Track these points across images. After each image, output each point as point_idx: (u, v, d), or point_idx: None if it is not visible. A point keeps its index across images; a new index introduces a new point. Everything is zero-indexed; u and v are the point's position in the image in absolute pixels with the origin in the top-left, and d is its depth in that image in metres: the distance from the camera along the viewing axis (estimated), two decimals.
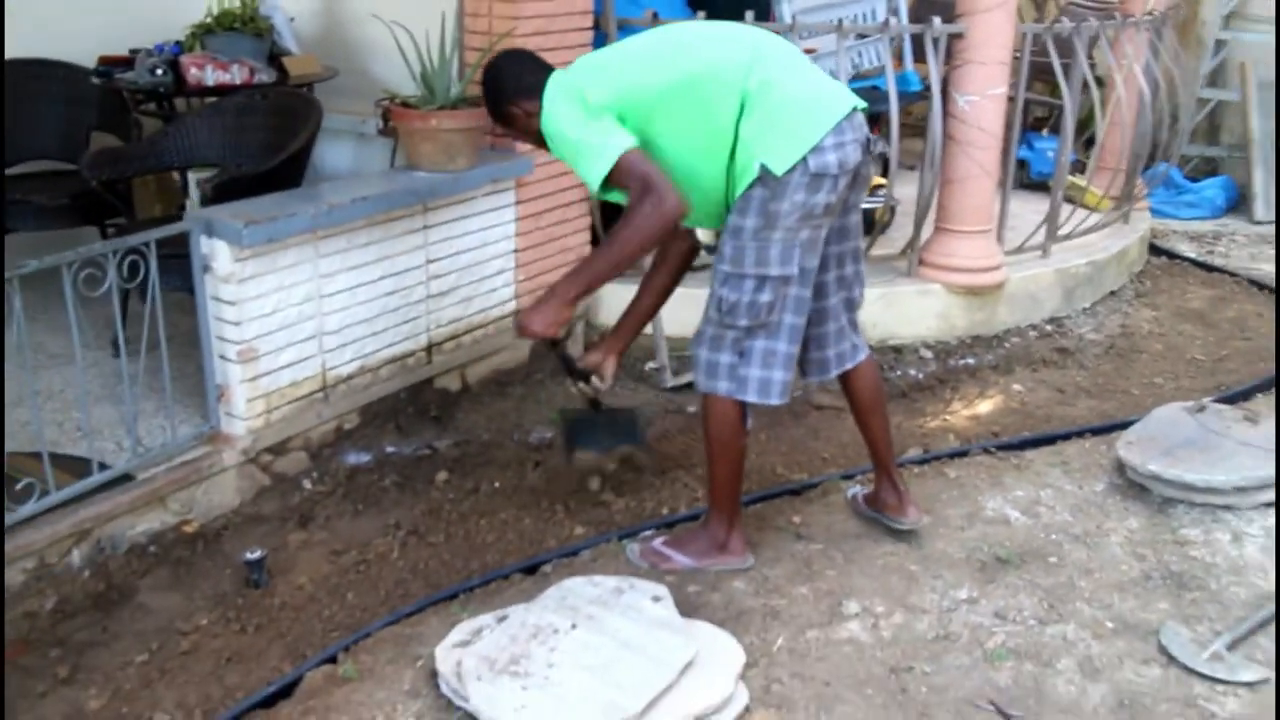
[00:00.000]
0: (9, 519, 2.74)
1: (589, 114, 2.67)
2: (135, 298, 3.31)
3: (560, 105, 2.72)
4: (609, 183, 2.65)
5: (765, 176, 2.63)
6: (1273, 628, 2.78)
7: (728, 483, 2.96)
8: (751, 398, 2.82)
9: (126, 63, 4.43)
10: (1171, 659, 2.67)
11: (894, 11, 4.85)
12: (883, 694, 2.55)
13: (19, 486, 2.80)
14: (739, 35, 2.83)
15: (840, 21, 4.31)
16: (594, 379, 3.24)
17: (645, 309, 3.28)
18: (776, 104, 2.64)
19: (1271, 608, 2.84)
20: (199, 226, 3.08)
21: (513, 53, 3.04)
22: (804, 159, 2.61)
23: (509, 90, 2.88)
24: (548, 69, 2.86)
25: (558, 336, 2.99)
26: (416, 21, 3.69)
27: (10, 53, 4.40)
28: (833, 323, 2.99)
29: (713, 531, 3.02)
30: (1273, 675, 2.60)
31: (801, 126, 2.62)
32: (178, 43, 4.40)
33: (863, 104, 2.76)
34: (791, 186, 2.62)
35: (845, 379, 3.09)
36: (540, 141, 2.86)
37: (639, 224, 2.63)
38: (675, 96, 2.68)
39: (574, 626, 2.58)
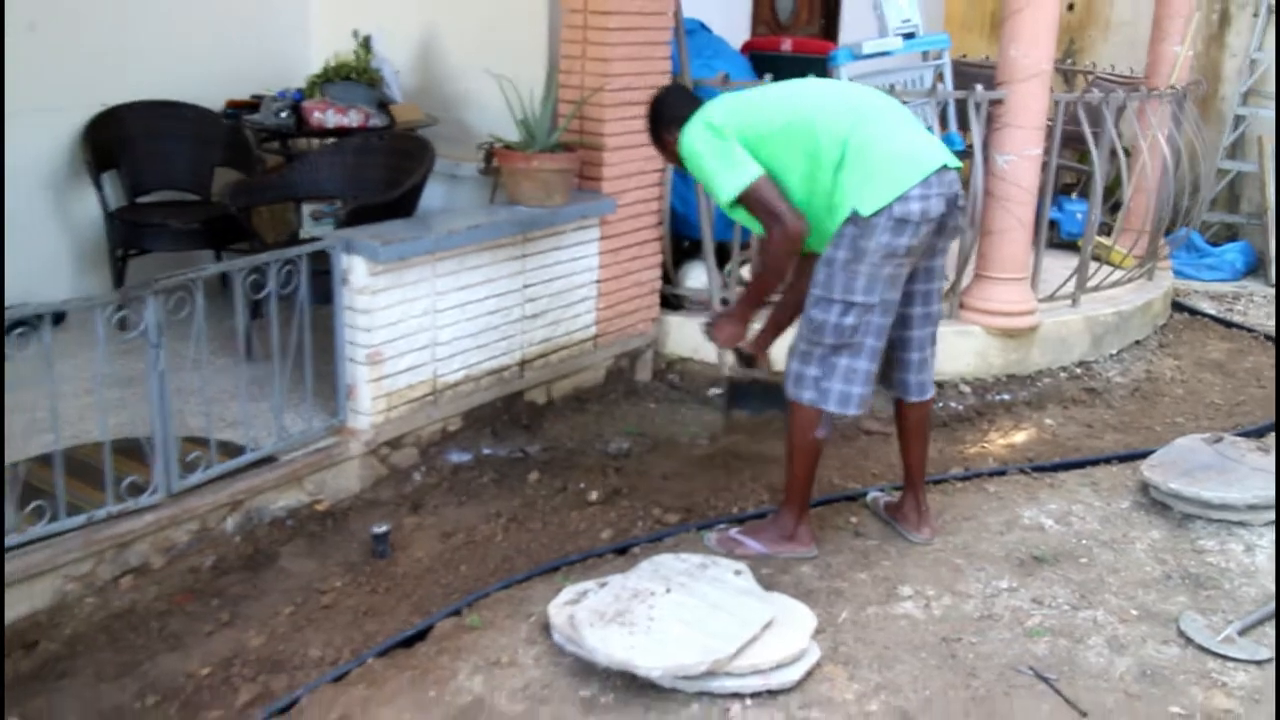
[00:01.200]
0: (183, 483, 3.18)
1: (723, 141, 3.14)
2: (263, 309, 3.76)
3: (700, 132, 3.20)
4: (738, 203, 3.13)
5: (855, 217, 3.05)
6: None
7: (802, 480, 3.37)
8: (832, 408, 3.22)
9: (251, 106, 4.96)
10: (1189, 641, 3.05)
11: (940, 78, 5.32)
12: (935, 658, 2.94)
13: (188, 460, 3.24)
14: (852, 95, 3.29)
15: (893, 86, 4.79)
16: (759, 367, 3.73)
17: (787, 311, 3.57)
18: (871, 157, 3.06)
19: None
20: (340, 244, 3.55)
21: (674, 88, 3.57)
22: (889, 205, 3.02)
23: (664, 118, 3.37)
24: (698, 104, 3.32)
25: (740, 346, 3.56)
26: (513, 76, 4.18)
27: (144, 95, 4.94)
28: (917, 353, 3.41)
29: (782, 523, 3.43)
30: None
31: (891, 177, 3.04)
32: (299, 89, 4.92)
33: (956, 163, 3.17)
34: (879, 229, 3.04)
35: (905, 406, 3.51)
36: (680, 164, 3.36)
37: (775, 251, 3.16)
38: (792, 137, 3.13)
39: (668, 590, 2.99)
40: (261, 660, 2.92)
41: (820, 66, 4.90)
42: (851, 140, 3.09)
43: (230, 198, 4.20)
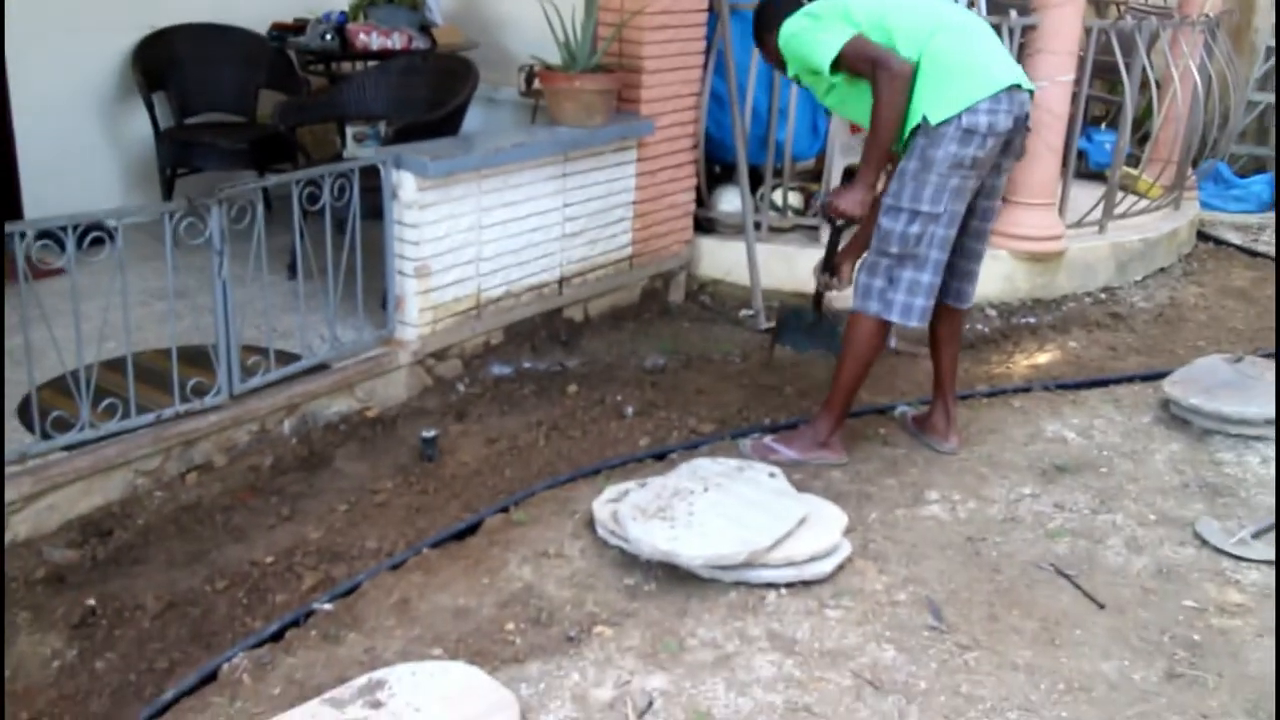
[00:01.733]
0: (244, 386, 3.35)
1: (819, 20, 3.27)
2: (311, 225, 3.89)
3: (798, 20, 3.34)
4: (838, 67, 3.22)
5: (925, 125, 3.18)
6: None
7: (849, 389, 3.51)
8: (895, 318, 3.35)
9: (295, 29, 5.06)
10: (1204, 542, 3.18)
11: (973, 4, 5.36)
12: (961, 555, 3.09)
13: (249, 363, 3.40)
14: (937, 6, 3.37)
15: None
16: (835, 279, 3.78)
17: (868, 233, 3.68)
18: (944, 66, 3.18)
19: None
20: (391, 159, 3.67)
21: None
22: (958, 115, 3.14)
23: (768, 19, 3.49)
24: (798, 7, 3.43)
25: (860, 216, 3.45)
26: None
27: (189, 18, 5.04)
28: (964, 262, 3.53)
29: (817, 430, 3.57)
30: None
31: (962, 88, 3.16)
32: (342, 12, 5.01)
33: (1030, 84, 3.27)
34: (946, 138, 3.16)
35: (946, 312, 3.61)
36: (782, 67, 3.51)
37: (885, 95, 3.19)
38: (879, 29, 3.23)
39: (706, 490, 3.14)
40: (321, 551, 3.10)
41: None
42: (928, 49, 3.20)
43: (279, 117, 4.32)
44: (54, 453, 3.00)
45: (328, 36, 4.81)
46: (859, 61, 3.22)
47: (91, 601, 2.81)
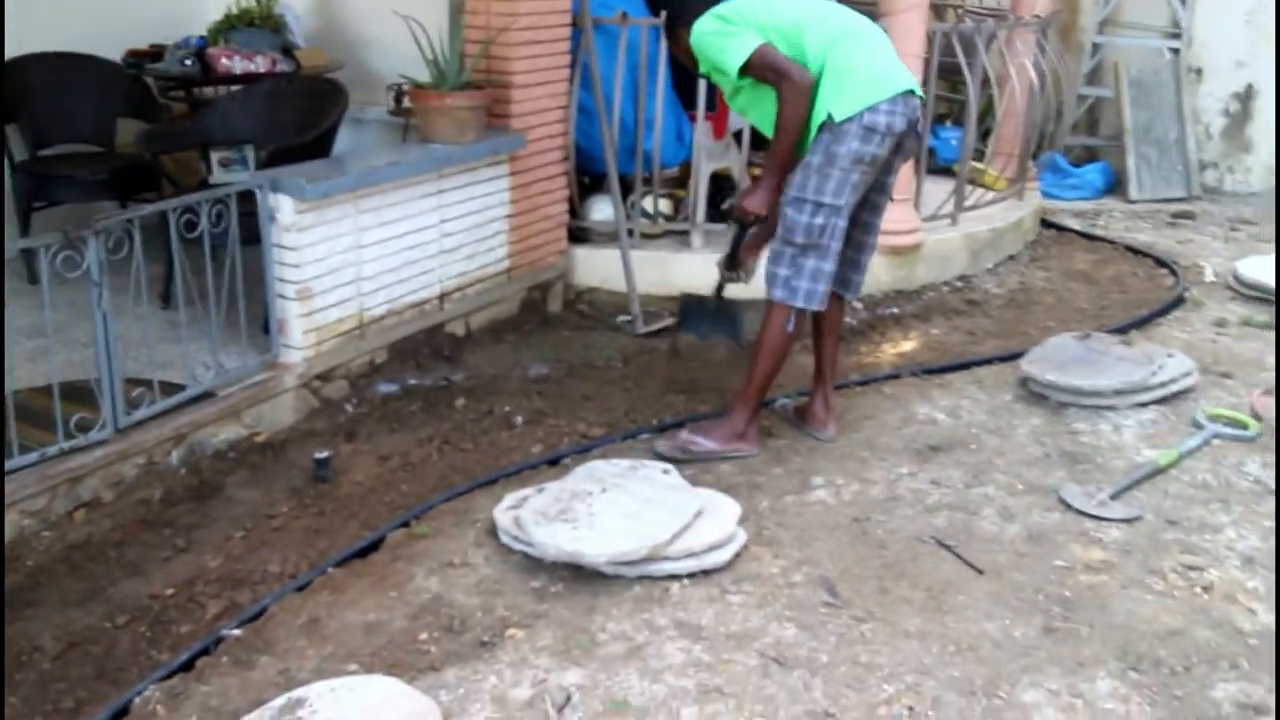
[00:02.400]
0: (129, 419, 3.30)
1: (730, 25, 3.44)
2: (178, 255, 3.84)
3: (709, 21, 3.50)
4: (745, 72, 3.40)
5: (830, 122, 3.38)
6: (1146, 481, 3.55)
7: (765, 380, 3.68)
8: (799, 303, 3.54)
9: (152, 55, 4.97)
10: (1068, 507, 3.41)
11: None
12: (849, 535, 3.25)
13: (133, 395, 3.35)
14: (840, 14, 3.58)
15: None
16: (740, 272, 3.92)
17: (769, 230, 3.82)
18: (848, 68, 3.40)
19: (1146, 466, 3.61)
20: (267, 183, 3.66)
21: None
22: (861, 114, 3.35)
23: (681, 19, 3.66)
24: (710, 5, 3.56)
25: (766, 215, 3.64)
26: (418, 17, 4.30)
27: (41, 47, 4.91)
28: (859, 254, 3.76)
29: (734, 421, 3.70)
30: (1146, 515, 3.36)
31: (864, 89, 3.38)
32: (201, 37, 4.95)
33: (920, 91, 3.50)
34: (849, 135, 3.37)
35: (836, 303, 3.80)
36: (692, 64, 3.67)
37: (788, 106, 3.40)
38: (781, 40, 3.42)
39: (604, 490, 3.23)
40: (222, 579, 3.08)
41: (713, 4, 5.10)
42: (833, 52, 3.41)
43: (144, 145, 4.25)
44: None
45: (188, 62, 4.74)
46: (764, 70, 3.40)
47: None
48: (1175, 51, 7.79)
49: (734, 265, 3.96)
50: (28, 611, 2.91)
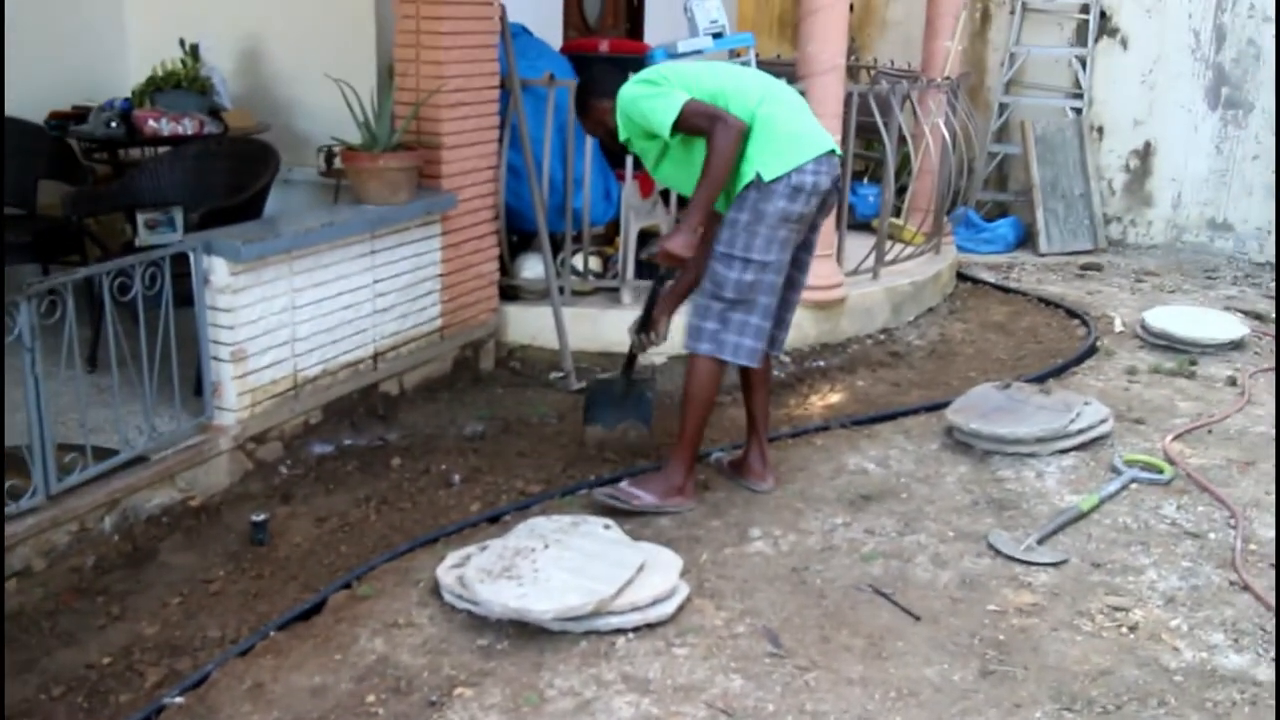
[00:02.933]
0: (61, 485, 3.24)
1: (658, 87, 3.53)
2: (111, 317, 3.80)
3: (635, 86, 3.60)
4: (678, 128, 3.47)
5: (758, 181, 3.48)
6: (1070, 526, 3.68)
7: (695, 434, 3.73)
8: (727, 357, 3.61)
9: (75, 117, 4.93)
10: (998, 552, 3.52)
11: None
12: (788, 585, 3.31)
13: (66, 461, 3.30)
14: (761, 78, 3.73)
15: None
16: (652, 334, 3.93)
17: (688, 283, 3.89)
18: (775, 131, 3.52)
19: (1070, 511, 3.74)
20: (201, 245, 3.65)
21: (602, 68, 3.96)
22: (788, 174, 3.47)
23: (597, 92, 3.75)
24: (624, 78, 3.69)
25: (688, 258, 3.63)
26: (348, 79, 4.34)
27: None
28: (784, 311, 3.84)
29: (671, 475, 3.74)
30: (1072, 559, 3.48)
31: (791, 150, 3.50)
32: (126, 99, 4.92)
33: (839, 151, 3.64)
34: (777, 194, 3.48)
35: (764, 359, 3.87)
36: (608, 134, 3.74)
37: (720, 145, 3.45)
38: (711, 99, 3.50)
39: (546, 546, 3.25)
40: (160, 646, 3.02)
41: (637, 65, 5.21)
42: (759, 114, 3.52)
43: (70, 208, 4.20)
44: None
45: (113, 124, 4.71)
46: (698, 118, 3.47)
47: None
48: (1078, 111, 8.14)
49: (647, 327, 3.97)
50: None
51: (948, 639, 3.04)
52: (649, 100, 3.56)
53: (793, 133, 3.56)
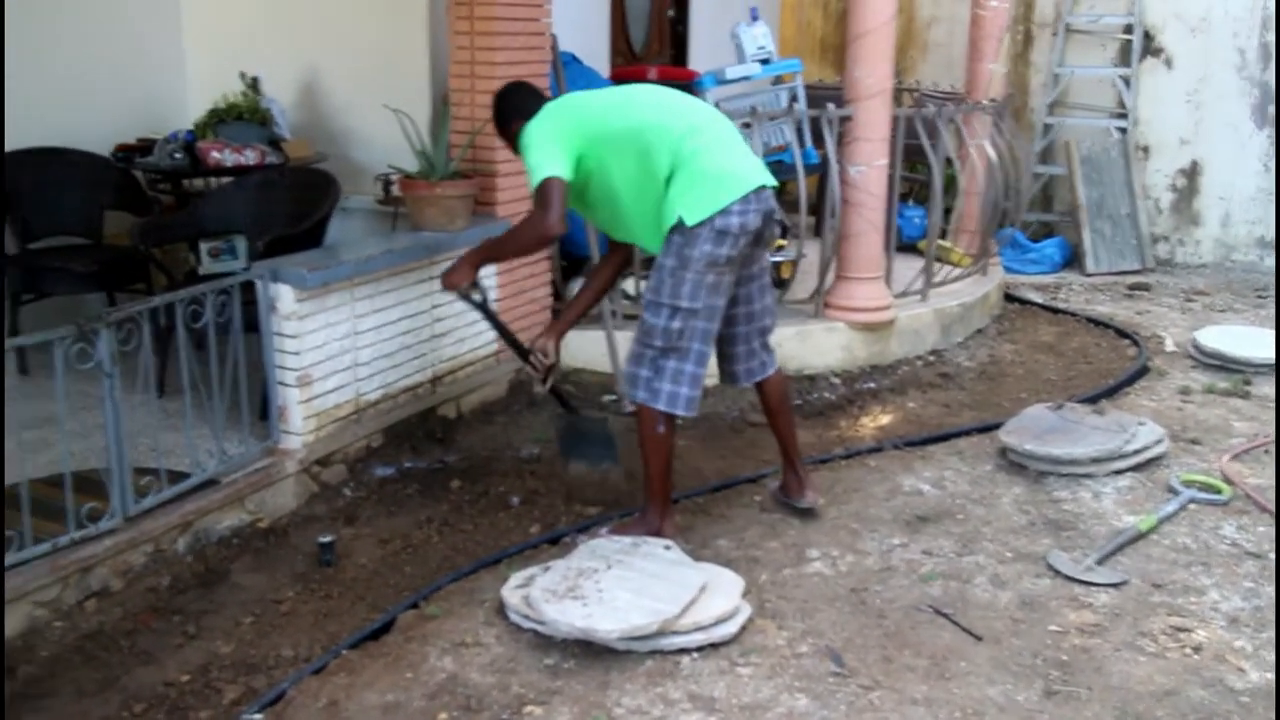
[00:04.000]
0: (138, 507, 3.33)
1: (549, 141, 3.47)
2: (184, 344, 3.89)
3: (537, 128, 3.53)
4: (538, 193, 3.46)
5: (681, 226, 3.38)
6: (1129, 546, 3.68)
7: (658, 476, 3.62)
8: (661, 406, 3.50)
9: (140, 149, 5.06)
10: (1057, 573, 3.53)
11: (794, 99, 5.81)
12: (849, 605, 3.34)
13: (140, 484, 3.39)
14: (686, 108, 3.58)
15: (754, 108, 5.24)
16: (537, 356, 3.86)
17: (585, 301, 3.96)
18: (697, 170, 3.40)
19: (1128, 532, 3.75)
20: (268, 273, 3.75)
21: (521, 85, 3.84)
22: (711, 217, 3.35)
23: (509, 112, 3.72)
24: (542, 101, 3.65)
25: (459, 288, 3.80)
26: (405, 109, 4.45)
27: (29, 142, 4.99)
28: (743, 345, 3.76)
29: (648, 521, 3.68)
30: (1132, 579, 3.48)
31: (715, 192, 3.38)
32: (189, 131, 5.06)
33: (773, 182, 3.52)
34: (701, 238, 3.37)
35: (759, 388, 3.88)
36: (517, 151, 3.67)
37: (520, 231, 3.60)
38: (626, 141, 3.46)
39: (609, 567, 3.30)
40: (236, 664, 3.10)
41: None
42: (681, 153, 3.40)
43: (139, 238, 4.32)
44: None
45: (177, 155, 4.84)
46: (539, 196, 3.45)
47: None
48: (1123, 130, 8.13)
49: (525, 355, 3.94)
50: (44, 703, 2.91)
51: (1010, 659, 3.06)
52: (534, 154, 3.47)
53: (718, 171, 3.40)
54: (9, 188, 4.84)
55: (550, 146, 3.46)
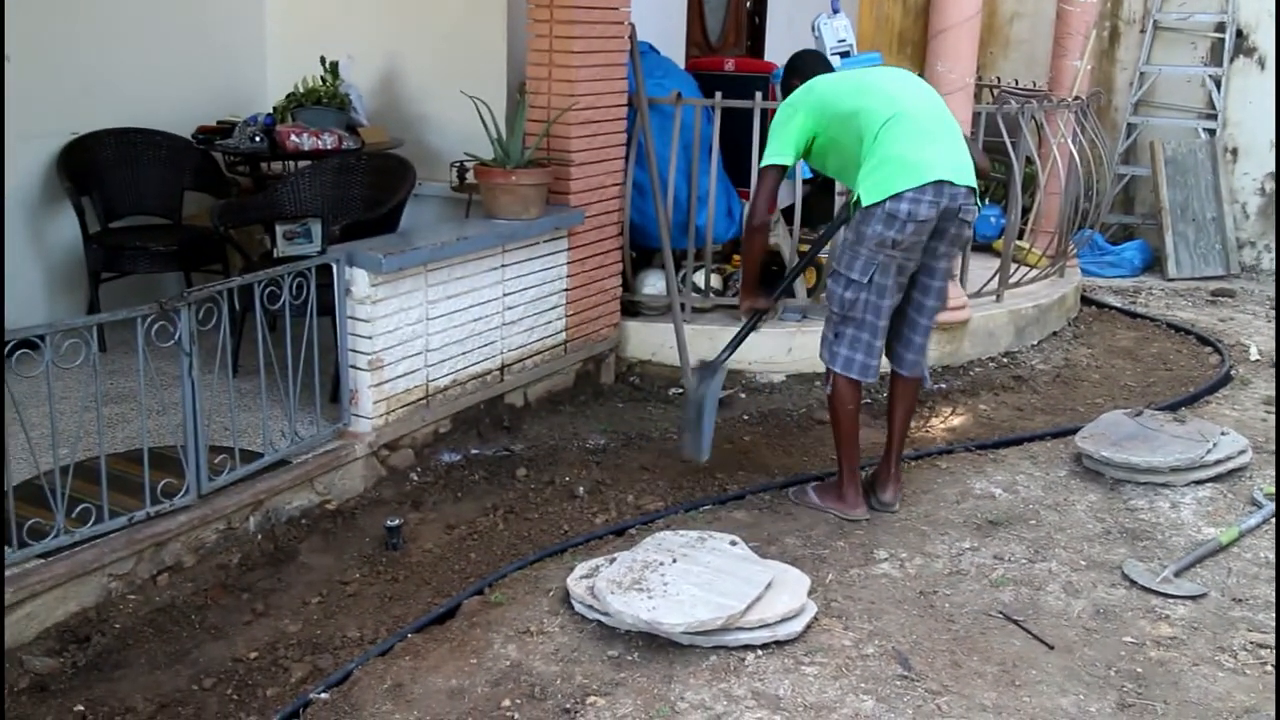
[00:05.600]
0: (211, 485, 3.38)
1: (790, 120, 3.77)
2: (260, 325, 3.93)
3: (787, 105, 3.85)
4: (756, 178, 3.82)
5: (860, 204, 3.57)
6: (1208, 559, 3.58)
7: (842, 442, 3.87)
8: (838, 369, 3.76)
9: (220, 132, 5.13)
10: (1133, 583, 3.44)
11: None
12: (917, 608, 3.28)
13: (215, 462, 3.44)
14: (901, 96, 3.70)
15: None
16: (757, 316, 4.11)
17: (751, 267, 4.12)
18: (882, 156, 3.56)
19: (1208, 544, 3.64)
20: (344, 256, 3.78)
21: (814, 53, 4.22)
22: (883, 200, 3.51)
23: (796, 70, 4.06)
24: (819, 70, 3.95)
25: (761, 308, 4.07)
26: (480, 97, 4.46)
27: (113, 123, 5.08)
28: (907, 330, 3.85)
29: (837, 483, 3.89)
30: (1211, 592, 3.39)
31: (891, 177, 3.53)
32: (268, 114, 5.11)
33: (967, 181, 3.59)
34: (874, 218, 3.55)
35: (896, 378, 3.96)
36: None
37: (746, 230, 3.99)
38: (848, 122, 3.68)
39: (674, 561, 3.28)
40: (303, 643, 3.13)
41: (763, 85, 5.26)
42: (880, 135, 3.58)
43: (219, 218, 4.38)
44: (30, 561, 2.99)
45: (257, 138, 4.90)
46: (756, 183, 3.89)
47: (80, 708, 2.80)
48: (1210, 132, 7.92)
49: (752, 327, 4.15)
50: (118, 673, 2.96)
51: (1083, 669, 2.98)
52: (775, 128, 3.82)
53: (901, 158, 3.54)
54: (93, 166, 4.94)
55: (788, 127, 3.76)
